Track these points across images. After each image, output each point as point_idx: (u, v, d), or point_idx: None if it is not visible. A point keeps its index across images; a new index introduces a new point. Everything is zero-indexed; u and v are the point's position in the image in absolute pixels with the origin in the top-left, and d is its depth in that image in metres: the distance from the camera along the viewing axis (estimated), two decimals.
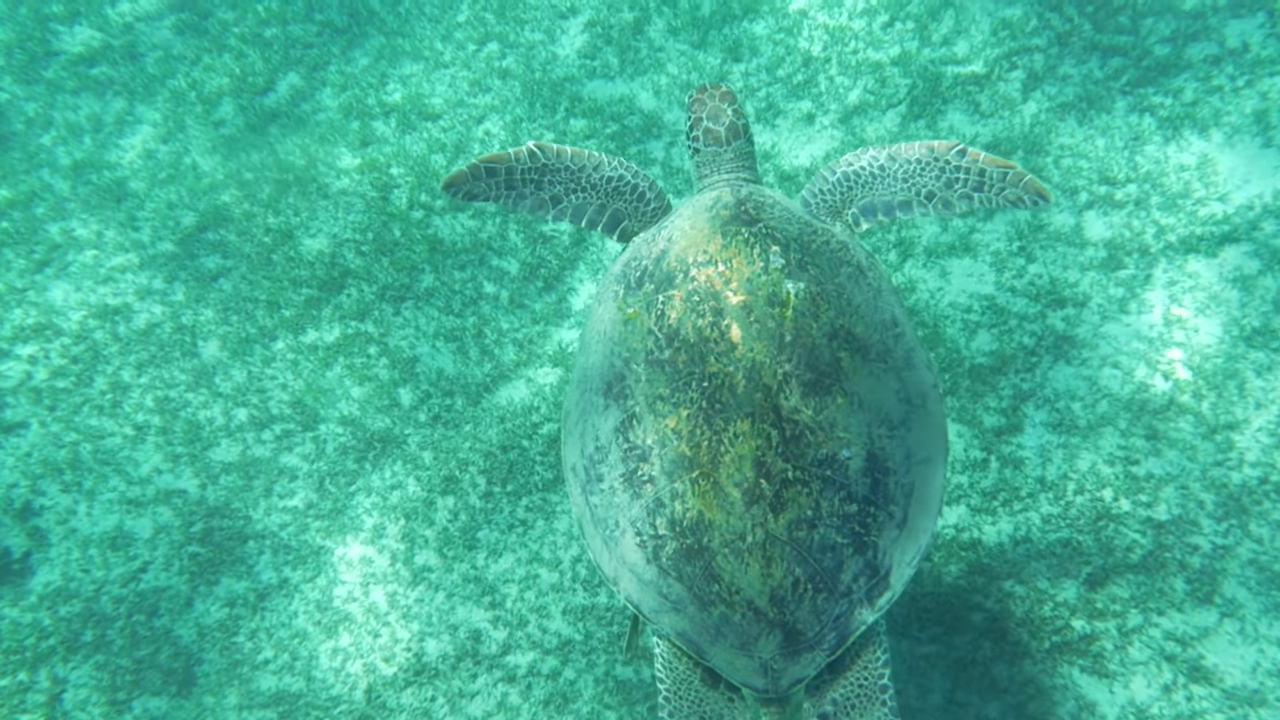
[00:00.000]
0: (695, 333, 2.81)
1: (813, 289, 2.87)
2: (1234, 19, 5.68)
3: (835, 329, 2.84)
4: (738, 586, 2.69)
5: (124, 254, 6.15)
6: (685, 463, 2.72)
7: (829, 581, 2.71)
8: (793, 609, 2.70)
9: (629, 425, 2.84)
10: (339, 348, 5.69)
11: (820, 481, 2.69)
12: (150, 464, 5.44)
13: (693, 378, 2.77)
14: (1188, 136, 5.47)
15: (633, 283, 3.06)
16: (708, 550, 2.70)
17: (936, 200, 3.36)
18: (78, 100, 6.89)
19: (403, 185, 6.23)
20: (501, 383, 5.57)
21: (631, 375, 2.89)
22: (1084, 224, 5.38)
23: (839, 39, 6.35)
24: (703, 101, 3.54)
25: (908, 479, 2.82)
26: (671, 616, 2.81)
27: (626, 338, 2.96)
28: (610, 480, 2.88)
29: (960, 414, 5.01)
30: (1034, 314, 5.20)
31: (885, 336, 2.94)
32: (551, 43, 6.81)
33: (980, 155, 3.27)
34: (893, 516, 2.79)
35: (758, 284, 2.85)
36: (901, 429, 2.83)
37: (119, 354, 5.78)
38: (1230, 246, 5.09)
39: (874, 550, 2.76)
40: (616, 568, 2.90)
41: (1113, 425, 4.79)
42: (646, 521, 2.79)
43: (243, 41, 6.97)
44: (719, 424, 2.70)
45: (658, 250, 3.08)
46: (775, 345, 2.77)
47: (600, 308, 3.18)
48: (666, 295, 2.91)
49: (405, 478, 5.32)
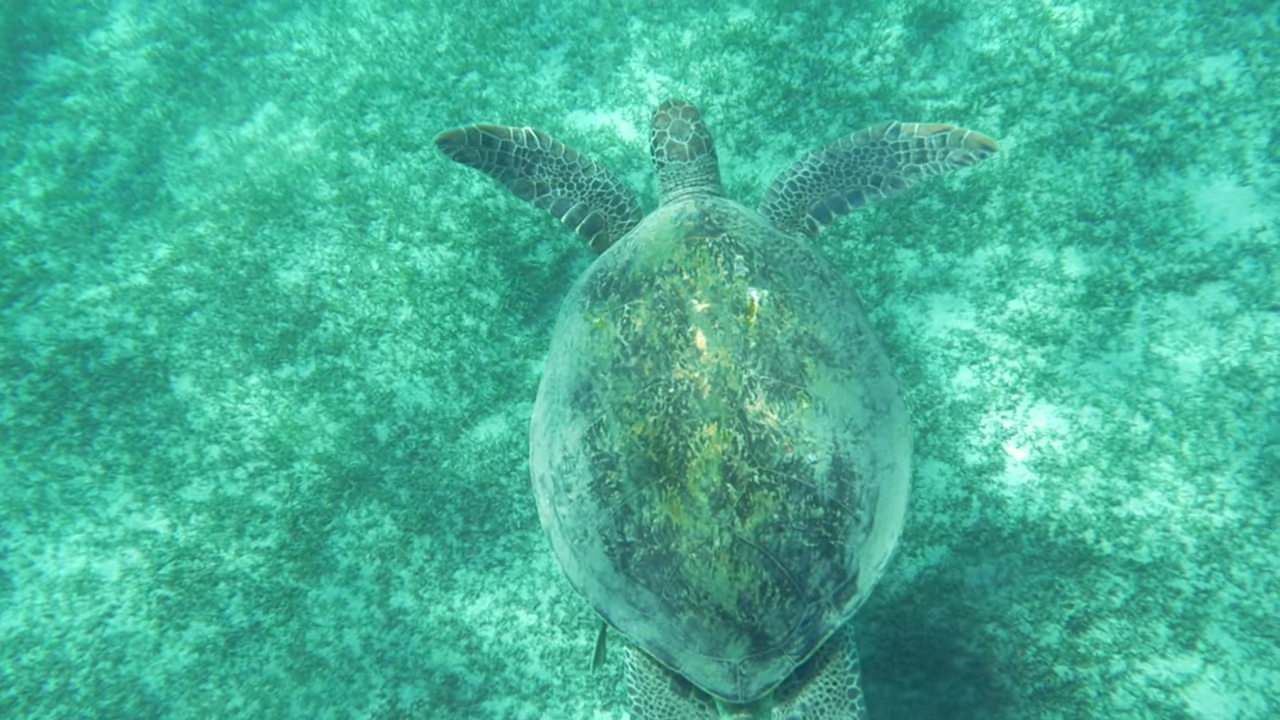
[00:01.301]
0: (661, 340, 2.84)
1: (776, 296, 2.90)
2: (1209, 56, 5.72)
3: (799, 335, 2.87)
4: (706, 591, 2.70)
5: (96, 287, 6.05)
6: (652, 469, 2.74)
7: (796, 585, 2.71)
8: (761, 613, 2.71)
9: (596, 434, 2.86)
10: (314, 383, 5.61)
11: (786, 485, 2.70)
12: (119, 504, 5.32)
13: (659, 384, 2.79)
14: (1165, 173, 5.49)
15: (598, 293, 3.09)
16: (675, 556, 2.71)
17: (884, 183, 3.43)
18: (51, 130, 6.78)
19: (381, 217, 6.17)
20: (480, 418, 5.50)
21: (598, 384, 2.90)
22: (1063, 260, 5.38)
23: (819, 72, 6.35)
24: (666, 117, 3.60)
25: (873, 484, 2.84)
26: (640, 624, 2.82)
27: (593, 347, 2.98)
28: (578, 490, 2.89)
29: (942, 451, 4.98)
30: (1015, 350, 5.19)
31: (849, 344, 2.97)
32: (532, 73, 6.78)
33: (915, 127, 3.36)
34: (859, 521, 2.80)
35: (722, 291, 2.88)
36: (866, 434, 2.86)
37: (89, 390, 5.66)
38: (1208, 284, 5.10)
39: (841, 554, 2.76)
40: (585, 577, 2.91)
41: (1094, 465, 4.77)
42: (614, 529, 2.79)
43: (219, 70, 6.90)
44: (685, 429, 2.72)
45: (623, 261, 3.11)
46: (740, 351, 2.79)
47: (566, 319, 3.21)
48: (632, 304, 2.94)
49: (381, 516, 5.24)
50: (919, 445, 5.03)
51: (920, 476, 4.94)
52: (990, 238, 5.53)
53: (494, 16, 7.00)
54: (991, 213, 5.60)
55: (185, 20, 7.19)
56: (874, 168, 3.43)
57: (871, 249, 5.63)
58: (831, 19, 6.57)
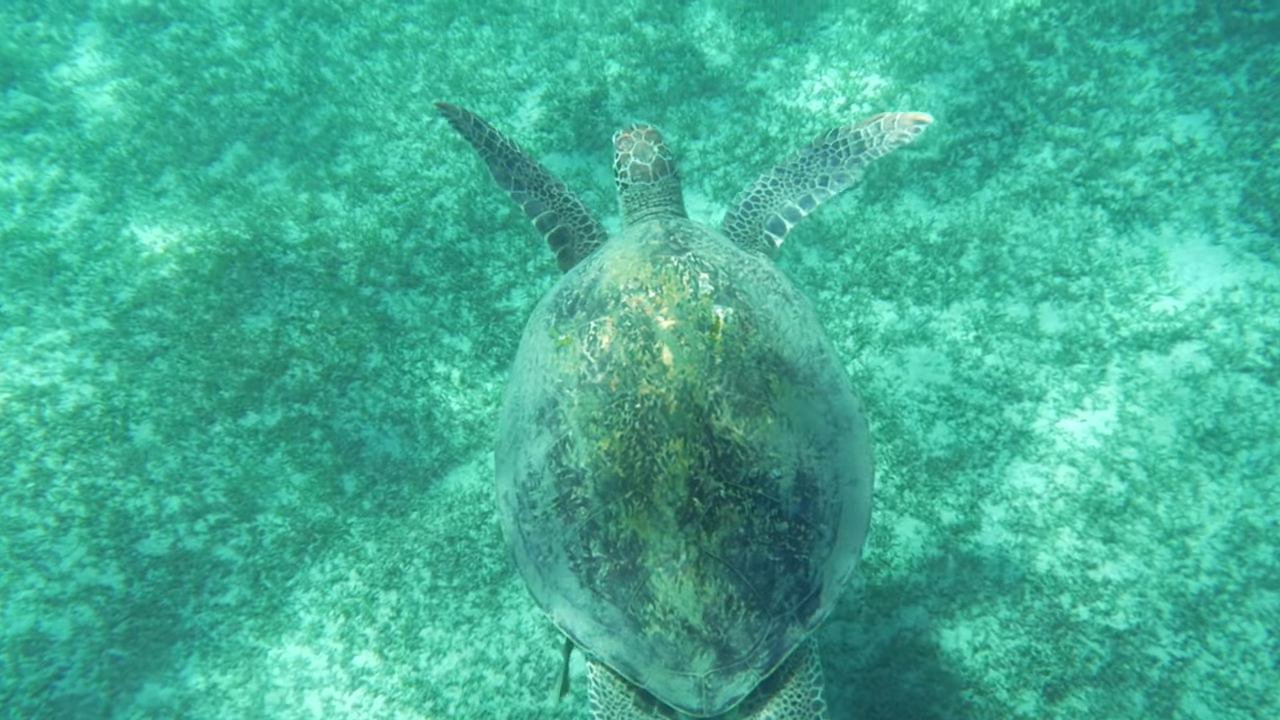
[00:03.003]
0: (627, 356, 2.85)
1: (741, 314, 2.93)
2: (1181, 114, 5.77)
3: (763, 352, 2.90)
4: (671, 605, 2.71)
5: (54, 331, 5.87)
6: (619, 483, 2.74)
7: (761, 599, 2.73)
8: (726, 627, 2.72)
9: (562, 450, 2.86)
10: (280, 432, 5.47)
11: (752, 500, 2.72)
12: (72, 558, 5.13)
13: (625, 400, 2.79)
14: (1139, 230, 5.51)
15: (564, 311, 3.11)
16: (641, 570, 2.72)
17: (830, 180, 3.58)
18: (10, 167, 6.61)
19: (351, 261, 6.06)
20: (451, 467, 5.38)
21: (564, 400, 2.91)
22: (1039, 316, 5.37)
23: (796, 120, 6.35)
24: (630, 140, 3.68)
25: (836, 499, 2.87)
26: (606, 640, 2.81)
27: (558, 364, 2.99)
28: (543, 506, 2.89)
29: (918, 509, 4.93)
30: (991, 407, 5.16)
31: (811, 361, 3.02)
32: (508, 115, 6.72)
33: (851, 125, 3.56)
34: (823, 535, 2.82)
35: (688, 309, 2.91)
36: (829, 450, 2.90)
37: (43, 439, 5.47)
38: (1182, 344, 5.11)
39: (805, 568, 2.78)
40: (550, 594, 2.90)
41: (1070, 525, 4.74)
42: (580, 545, 2.80)
43: (188, 109, 6.78)
44: (652, 444, 2.73)
45: (589, 279, 3.13)
46: (706, 367, 2.81)
47: (532, 337, 3.22)
48: (599, 321, 2.96)
49: (346, 571, 5.10)
50: (895, 502, 4.98)
51: (896, 534, 4.88)
52: (967, 291, 5.52)
53: (470, 57, 6.95)
54: (968, 266, 5.60)
55: (153, 56, 7.07)
56: (819, 169, 3.61)
57: (848, 300, 5.60)
58: (809, 66, 6.58)
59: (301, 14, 7.24)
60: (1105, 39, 6.18)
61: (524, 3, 7.23)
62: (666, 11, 7.03)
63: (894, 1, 6.70)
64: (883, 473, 5.05)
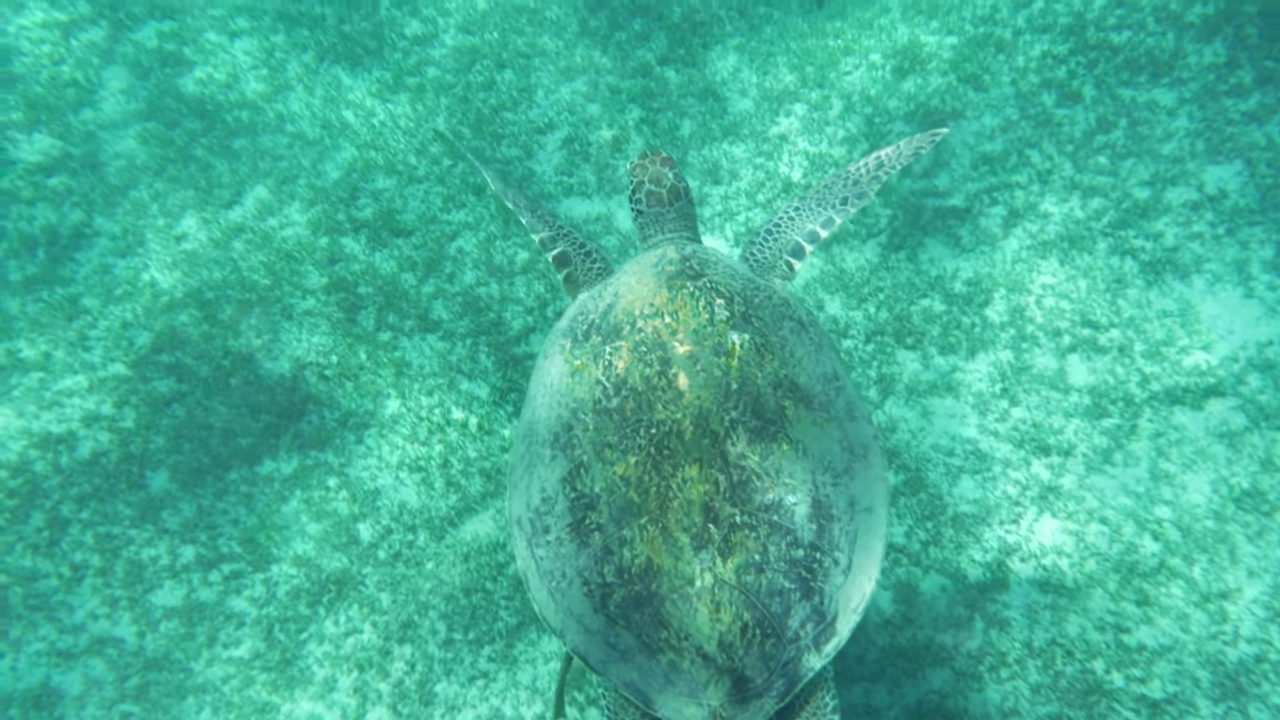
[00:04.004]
0: (643, 381, 2.86)
1: (757, 340, 2.95)
2: (1212, 165, 5.69)
3: (779, 379, 2.91)
4: (686, 632, 2.67)
5: (72, 376, 5.86)
6: (634, 509, 2.73)
7: (777, 627, 2.70)
8: (741, 655, 2.68)
9: (576, 474, 2.86)
10: (296, 480, 5.42)
11: (767, 526, 2.70)
12: (85, 609, 5.08)
13: (641, 425, 2.80)
14: (1170, 282, 5.41)
15: (579, 336, 3.11)
16: (656, 596, 2.69)
17: (850, 200, 3.71)
18: (33, 211, 6.64)
19: (370, 306, 6.03)
20: (467, 516, 5.31)
21: (579, 425, 2.91)
22: (1067, 368, 5.27)
23: (819, 165, 6.30)
24: (644, 166, 3.73)
25: (851, 526, 2.84)
26: (619, 666, 2.78)
27: (573, 389, 2.99)
28: (557, 531, 2.87)
29: (944, 566, 4.81)
30: (1018, 461, 5.05)
31: (827, 388, 3.02)
32: (528, 158, 6.71)
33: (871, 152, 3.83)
34: (838, 563, 2.79)
35: (704, 334, 2.93)
36: (845, 477, 2.88)
37: (59, 487, 5.44)
38: (1215, 400, 4.99)
39: (820, 596, 2.75)
40: (563, 619, 2.88)
41: (1102, 587, 4.61)
42: (594, 570, 2.78)
43: (210, 152, 6.80)
44: (667, 470, 2.73)
45: (604, 305, 3.15)
46: (722, 393, 2.82)
47: (546, 362, 3.21)
48: (614, 346, 2.97)
49: (361, 623, 5.01)
50: (920, 558, 4.87)
51: (921, 591, 4.77)
52: (992, 342, 5.42)
53: (491, 100, 6.96)
54: (994, 316, 5.51)
55: (176, 100, 7.11)
56: (840, 191, 3.75)
57: (872, 349, 5.52)
58: (832, 112, 6.54)
59: (324, 57, 7.28)
60: (1134, 88, 6.11)
61: (546, 46, 7.25)
62: (689, 56, 7.02)
63: (918, 47, 6.67)
64: (907, 527, 4.94)
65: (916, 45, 6.72)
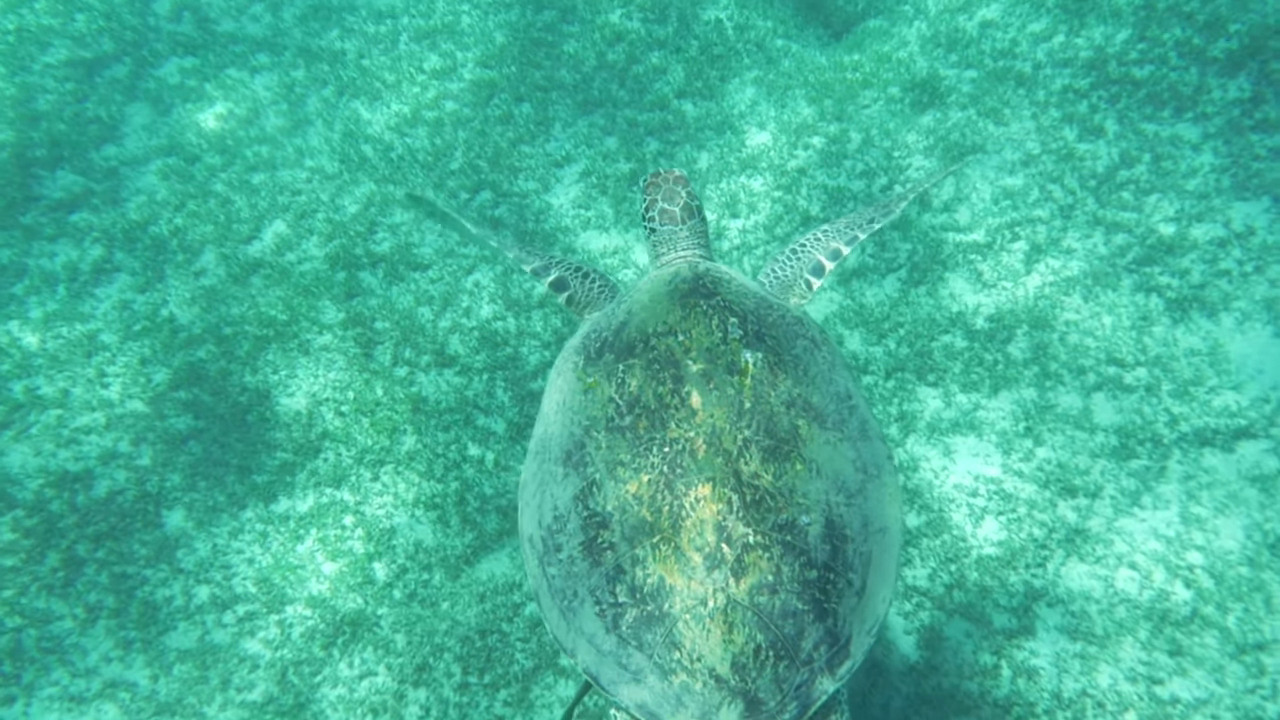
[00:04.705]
0: (656, 399, 2.86)
1: (770, 359, 2.95)
2: (1239, 201, 5.60)
3: (792, 397, 2.91)
4: (699, 654, 2.64)
5: (90, 413, 5.86)
6: (646, 528, 2.72)
7: (790, 649, 2.66)
8: (754, 677, 2.63)
9: (589, 492, 2.85)
10: (312, 518, 5.38)
11: (781, 546, 2.68)
12: (99, 652, 5.04)
13: (654, 443, 2.80)
14: (1197, 320, 5.32)
15: (592, 354, 3.13)
16: (669, 617, 2.66)
17: (875, 219, 3.77)
18: (54, 247, 6.68)
19: (387, 341, 6.02)
20: (483, 555, 5.25)
21: (591, 443, 2.91)
22: (1093, 407, 5.18)
23: (837, 199, 6.26)
24: (657, 184, 3.75)
25: (865, 547, 2.83)
26: (630, 687, 2.72)
27: (586, 406, 2.99)
28: (569, 549, 2.86)
29: (968, 610, 4.71)
30: (1043, 502, 4.95)
31: (840, 407, 3.02)
32: (545, 192, 6.70)
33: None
34: (851, 584, 2.77)
35: (717, 353, 2.94)
36: (858, 498, 2.87)
37: (75, 526, 5.43)
38: (1247, 442, 4.88)
39: (834, 618, 2.72)
40: (574, 639, 2.83)
41: (1132, 635, 4.49)
42: (606, 589, 2.76)
43: (229, 187, 6.83)
44: (680, 488, 2.72)
45: (617, 322, 3.16)
46: (735, 412, 2.82)
47: (559, 379, 3.22)
48: (627, 364, 2.98)
49: (375, 665, 4.95)
50: (944, 601, 4.77)
51: (946, 636, 4.67)
52: (1016, 379, 5.34)
53: (509, 134, 6.97)
54: (1016, 353, 5.43)
55: (197, 135, 7.16)
56: (868, 214, 3.81)
57: (892, 386, 5.45)
58: (851, 146, 6.50)
59: (344, 91, 7.32)
60: (1157, 122, 6.05)
61: (563, 79, 7.26)
62: (706, 89, 7.01)
63: (937, 81, 6.63)
64: (930, 570, 4.85)
65: (935, 79, 6.68)
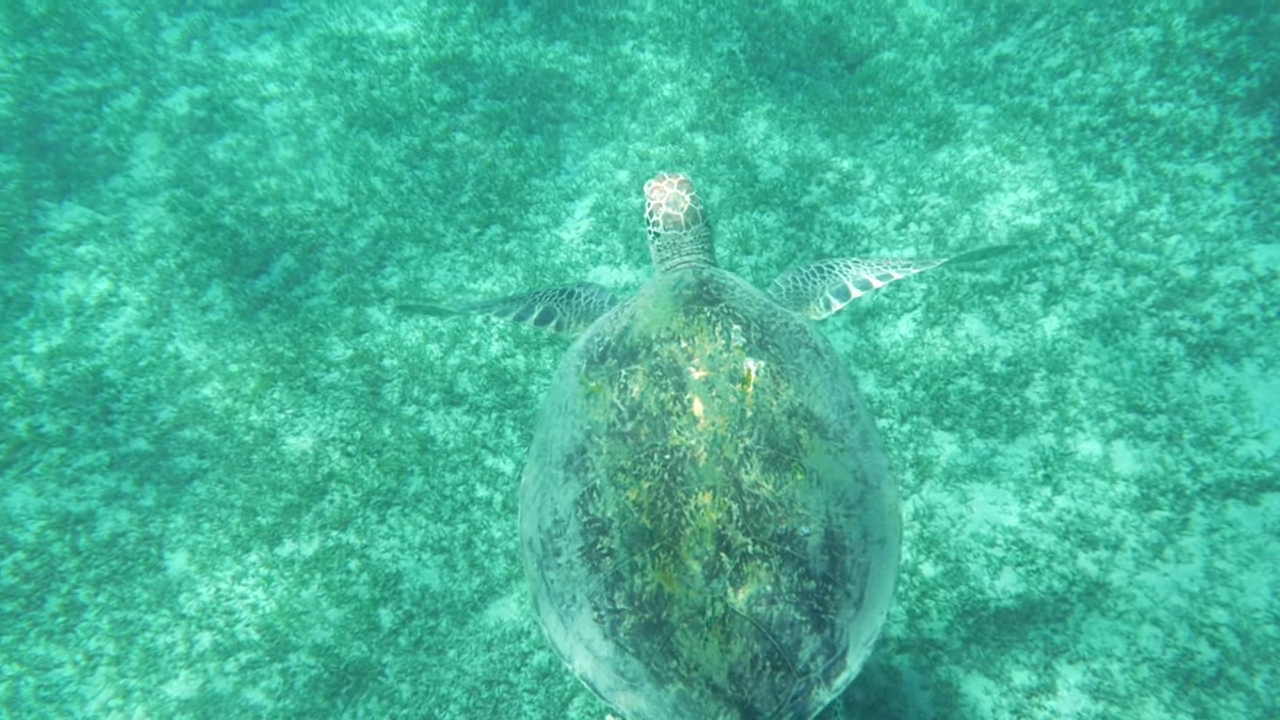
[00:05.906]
0: (658, 406, 2.86)
1: (773, 367, 2.94)
2: (1261, 244, 5.51)
3: (794, 407, 2.90)
4: (696, 662, 2.64)
5: (94, 452, 5.79)
6: (645, 535, 2.71)
7: (787, 659, 2.67)
8: (751, 687, 2.64)
9: (589, 498, 2.84)
10: (317, 562, 5.29)
11: (780, 557, 2.68)
12: (98, 700, 4.95)
13: (655, 450, 2.79)
14: (1219, 366, 5.22)
15: (595, 358, 3.11)
16: (667, 625, 2.66)
17: (913, 265, 3.73)
18: (60, 280, 6.62)
19: (395, 379, 5.94)
20: (491, 600, 5.16)
21: (593, 448, 2.90)
22: (1113, 455, 5.07)
23: (851, 236, 6.18)
24: (661, 189, 3.72)
25: (864, 559, 2.82)
26: (628, 695, 2.73)
27: (588, 411, 2.98)
28: (568, 554, 2.85)
29: (986, 666, 4.60)
30: (1063, 554, 4.84)
31: (842, 417, 3.01)
32: (556, 226, 6.63)
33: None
34: (850, 595, 2.77)
35: (719, 360, 2.93)
36: (858, 509, 2.86)
37: (77, 569, 5.34)
38: (1272, 495, 4.77)
39: (831, 629, 2.72)
40: (572, 644, 2.83)
41: (1156, 696, 4.38)
42: (604, 596, 2.76)
43: (238, 220, 6.77)
44: (680, 496, 2.71)
45: (620, 327, 3.15)
46: (737, 420, 2.81)
47: (561, 383, 3.21)
48: (629, 370, 2.97)
49: (380, 716, 4.85)
50: (961, 656, 4.66)
51: (964, 693, 4.55)
52: (1034, 425, 5.24)
53: (519, 167, 6.90)
54: (1034, 398, 5.33)
55: (206, 167, 7.11)
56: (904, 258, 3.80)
57: (908, 430, 5.35)
58: (865, 182, 6.43)
59: (354, 123, 7.27)
60: (1177, 162, 5.96)
61: (574, 111, 7.20)
62: (719, 122, 6.95)
63: (952, 117, 6.56)
64: (948, 623, 4.74)
65: (950, 114, 6.61)
